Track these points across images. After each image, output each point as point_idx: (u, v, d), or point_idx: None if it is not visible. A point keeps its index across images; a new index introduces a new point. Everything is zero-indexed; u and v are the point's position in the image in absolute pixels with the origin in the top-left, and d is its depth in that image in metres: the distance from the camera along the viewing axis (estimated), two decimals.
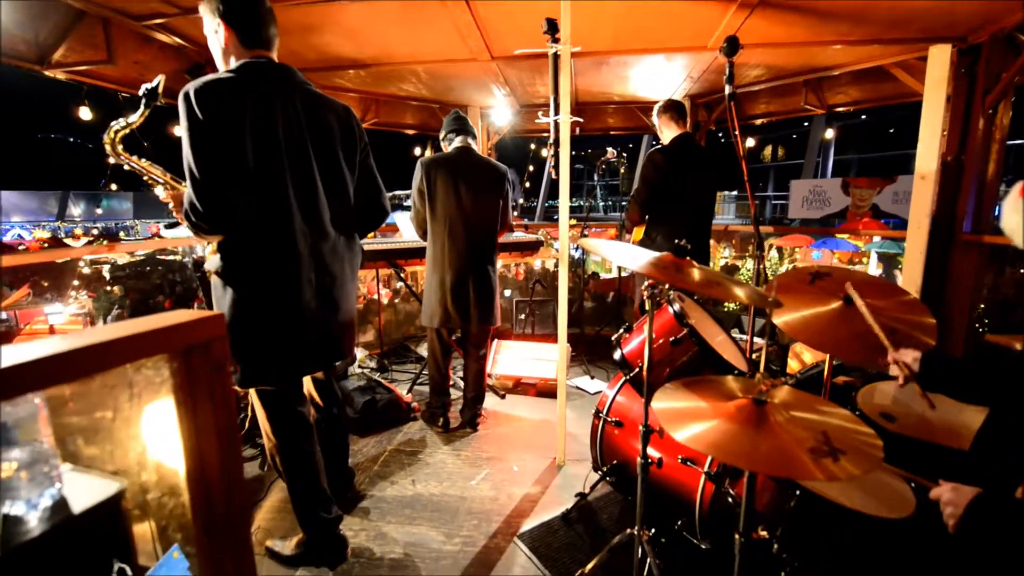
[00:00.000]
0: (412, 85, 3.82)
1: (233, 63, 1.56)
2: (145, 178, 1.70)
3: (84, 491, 0.86)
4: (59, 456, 0.83)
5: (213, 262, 1.58)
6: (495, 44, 2.87)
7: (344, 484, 2.13)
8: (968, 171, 2.81)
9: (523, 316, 4.35)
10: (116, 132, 1.57)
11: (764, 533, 1.24)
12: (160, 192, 1.70)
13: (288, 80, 1.61)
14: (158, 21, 2.62)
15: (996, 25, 2.53)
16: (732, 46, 1.83)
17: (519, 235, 3.63)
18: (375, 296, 4.45)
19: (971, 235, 2.81)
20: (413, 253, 3.23)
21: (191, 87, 1.42)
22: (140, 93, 1.57)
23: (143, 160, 1.66)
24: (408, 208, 2.92)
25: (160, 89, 1.59)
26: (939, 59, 2.71)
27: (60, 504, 0.81)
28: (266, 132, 1.52)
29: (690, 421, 0.97)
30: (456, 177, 2.62)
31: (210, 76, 1.47)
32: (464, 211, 2.63)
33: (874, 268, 5.29)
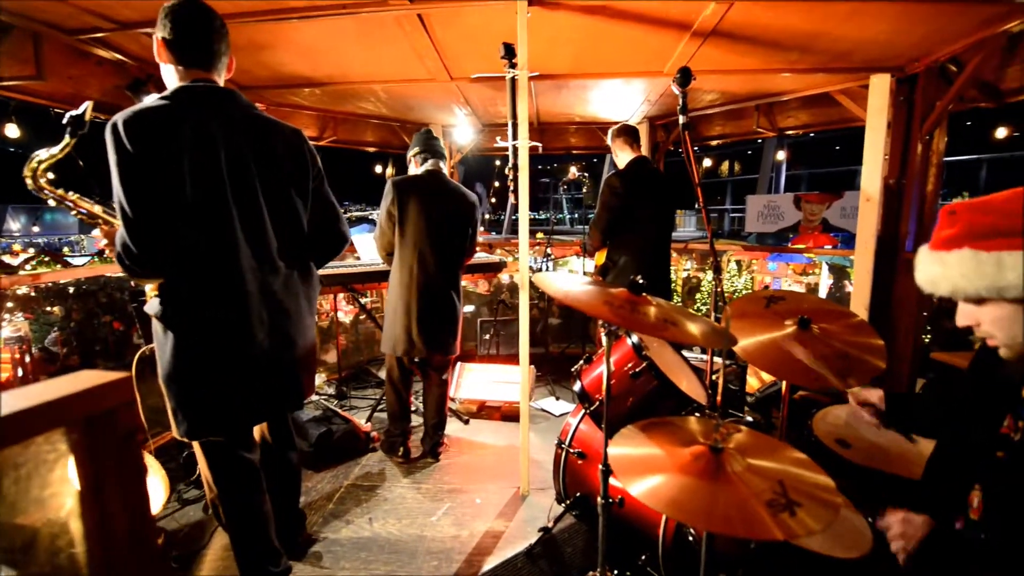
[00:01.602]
0: (371, 104, 3.75)
1: (173, 82, 1.46)
2: (73, 213, 1.57)
3: None
4: None
5: (153, 306, 1.45)
6: (454, 66, 2.84)
7: (294, 528, 2.00)
8: (908, 193, 2.95)
9: (488, 336, 4.29)
10: (39, 164, 1.44)
11: None
12: (95, 229, 1.57)
13: (231, 105, 1.49)
14: (94, 36, 2.47)
15: (930, 57, 2.68)
16: (685, 77, 1.85)
17: (481, 256, 3.58)
18: (337, 313, 4.30)
19: (913, 254, 2.93)
20: (371, 277, 3.13)
21: (119, 118, 1.30)
22: (64, 121, 1.45)
23: (71, 193, 1.53)
24: (370, 221, 2.83)
25: (88, 116, 1.48)
26: (879, 88, 2.85)
27: None
28: (206, 163, 1.40)
29: (647, 471, 0.94)
30: (429, 202, 2.55)
31: (141, 105, 1.36)
32: (435, 237, 2.56)
33: (825, 278, 5.50)
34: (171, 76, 1.47)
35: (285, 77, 3.07)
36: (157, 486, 2.13)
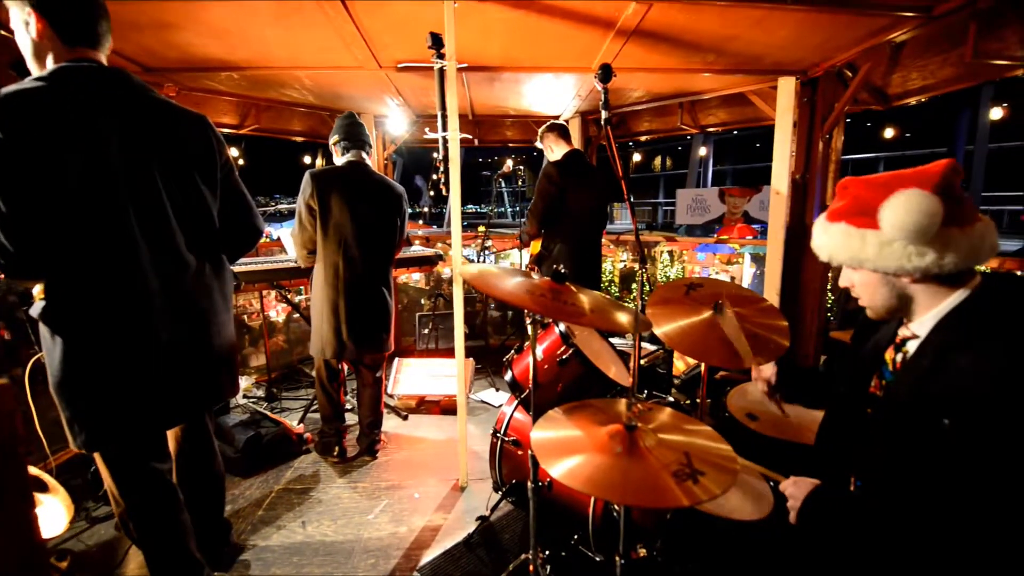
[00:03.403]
0: (296, 91, 3.57)
1: (50, 65, 1.32)
2: None
3: None
4: None
5: (37, 308, 1.32)
6: (382, 54, 2.77)
7: (219, 539, 1.90)
8: (812, 187, 3.22)
9: (427, 331, 4.25)
10: None
11: (643, 551, 1.30)
12: None
13: (122, 87, 1.37)
14: None
15: (828, 62, 2.93)
16: (606, 74, 1.92)
17: (417, 249, 3.54)
18: (269, 312, 4.09)
19: None
20: (300, 273, 3.00)
21: None
22: None
23: None
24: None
25: None
26: (786, 89, 3.08)
27: None
28: (93, 152, 1.28)
29: (567, 453, 0.98)
30: (352, 194, 2.44)
31: (12, 87, 1.21)
32: (361, 232, 2.46)
33: (748, 267, 5.91)
34: (46, 55, 1.32)
35: (197, 60, 2.86)
36: (57, 506, 1.95)
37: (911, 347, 1.00)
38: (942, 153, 15.07)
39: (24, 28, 1.30)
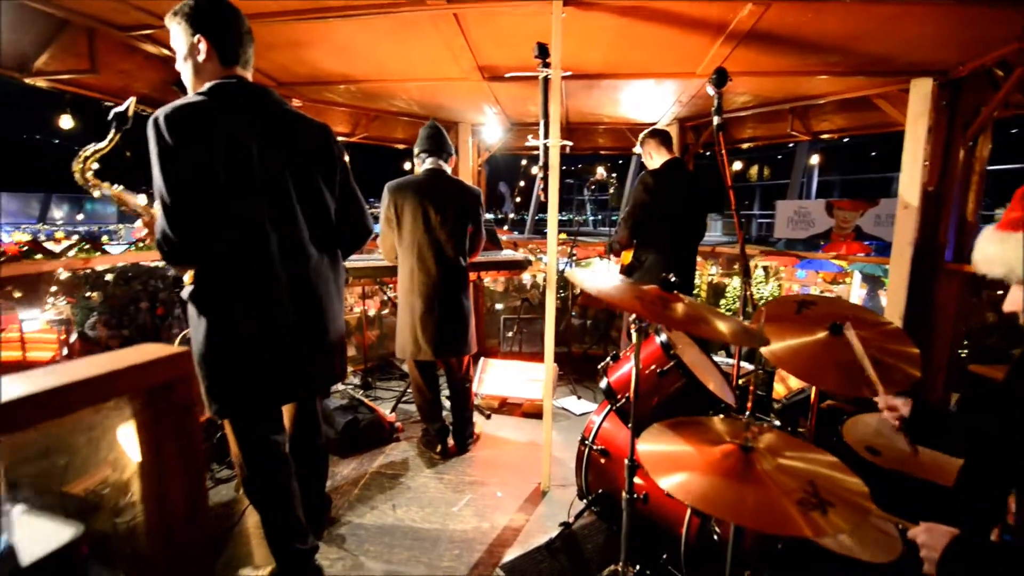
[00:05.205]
0: (403, 102, 3.81)
1: (206, 83, 1.52)
2: (118, 205, 1.66)
3: (38, 538, 0.82)
4: (10, 501, 0.79)
5: (188, 291, 1.54)
6: (487, 65, 2.88)
7: (320, 511, 2.06)
8: (948, 201, 2.86)
9: (511, 334, 4.32)
10: (86, 159, 1.53)
11: None
12: (138, 221, 1.66)
13: (264, 101, 1.58)
14: (144, 32, 2.58)
15: (976, 61, 2.59)
16: (721, 78, 1.85)
17: (507, 253, 3.61)
18: (361, 307, 4.38)
19: (954, 264, 2.85)
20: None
21: (160, 113, 1.38)
22: (108, 117, 1.53)
23: (116, 187, 1.62)
24: None
25: (130, 112, 1.57)
26: (920, 92, 2.77)
27: (8, 554, 0.77)
28: (240, 157, 1.48)
29: (676, 468, 0.95)
30: (424, 202, 2.55)
31: (180, 101, 1.44)
32: (433, 237, 2.56)
33: (857, 288, 5.38)
34: (204, 73, 1.52)
35: (322, 74, 3.15)
36: None
37: None
38: None
39: (188, 50, 1.51)
